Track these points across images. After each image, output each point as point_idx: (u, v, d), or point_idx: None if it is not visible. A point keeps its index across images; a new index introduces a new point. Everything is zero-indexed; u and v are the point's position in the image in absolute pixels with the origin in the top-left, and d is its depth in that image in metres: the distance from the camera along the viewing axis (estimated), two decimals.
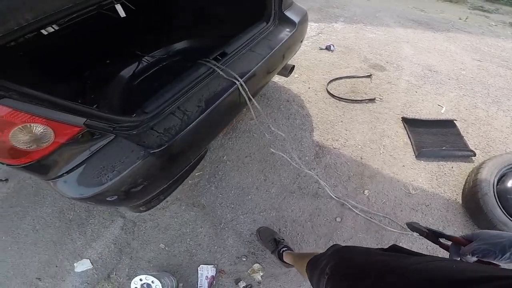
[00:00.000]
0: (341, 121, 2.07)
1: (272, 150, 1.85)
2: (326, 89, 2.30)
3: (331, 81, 2.37)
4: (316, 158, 1.89)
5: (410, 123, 2.06)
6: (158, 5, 2.18)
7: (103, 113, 1.03)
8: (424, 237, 0.68)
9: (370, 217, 1.61)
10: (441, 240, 0.65)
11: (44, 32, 1.41)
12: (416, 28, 3.43)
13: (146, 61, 2.05)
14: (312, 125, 2.05)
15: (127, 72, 1.97)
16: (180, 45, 2.18)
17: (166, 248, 1.49)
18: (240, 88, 1.31)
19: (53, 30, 1.44)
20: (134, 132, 1.09)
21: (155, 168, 1.09)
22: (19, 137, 0.78)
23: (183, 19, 2.29)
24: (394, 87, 2.39)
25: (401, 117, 2.10)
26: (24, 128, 0.77)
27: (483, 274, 0.42)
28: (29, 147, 0.82)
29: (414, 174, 1.82)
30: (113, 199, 1.02)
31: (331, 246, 0.99)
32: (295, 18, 1.77)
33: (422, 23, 3.58)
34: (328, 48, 2.85)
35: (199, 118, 1.19)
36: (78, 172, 0.95)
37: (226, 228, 1.56)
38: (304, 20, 1.82)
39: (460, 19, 3.82)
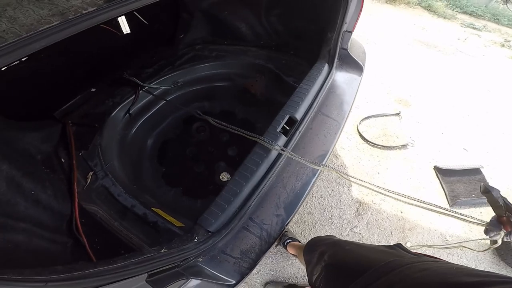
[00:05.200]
0: (378, 173, 1.99)
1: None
2: (358, 131, 2.18)
3: (362, 120, 2.26)
4: (358, 215, 1.81)
5: (442, 173, 2.05)
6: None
7: (166, 249, 0.84)
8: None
9: None
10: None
11: None
12: (426, 51, 3.40)
13: (148, 93, 1.59)
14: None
15: (123, 110, 1.50)
16: (195, 71, 1.77)
17: None
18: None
19: None
20: (201, 260, 0.90)
21: None
22: None
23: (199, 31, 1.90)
24: (422, 128, 2.35)
25: (434, 166, 2.08)
26: None
27: (484, 279, 0.44)
28: None
29: (448, 222, 1.87)
30: None
31: (329, 235, 1.03)
32: (358, 58, 1.48)
33: (430, 45, 3.55)
34: None
35: (282, 230, 1.00)
36: None
37: None
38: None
39: (459, 39, 3.84)
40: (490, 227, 0.64)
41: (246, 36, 1.89)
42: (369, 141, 2.12)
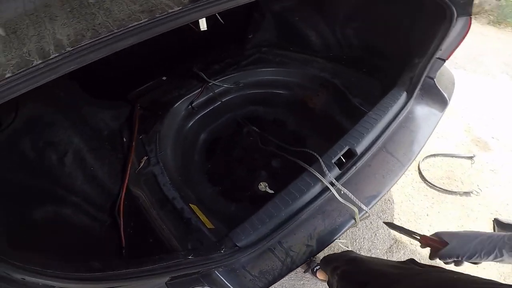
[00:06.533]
0: (427, 215, 1.75)
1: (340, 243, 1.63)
2: (418, 168, 1.95)
3: (426, 157, 2.01)
4: (389, 252, 1.64)
5: (501, 226, 1.70)
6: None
7: (193, 256, 0.85)
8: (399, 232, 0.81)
9: None
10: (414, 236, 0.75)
11: None
12: None
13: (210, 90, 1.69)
14: (393, 214, 1.76)
15: (185, 103, 1.62)
16: (257, 74, 1.78)
17: None
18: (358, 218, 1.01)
19: None
20: (221, 270, 0.89)
21: None
22: None
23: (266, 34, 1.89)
24: (496, 178, 1.97)
25: (494, 219, 1.75)
26: None
27: (481, 286, 0.48)
28: None
29: (486, 274, 1.57)
30: None
31: (347, 251, 1.09)
32: (445, 91, 1.25)
33: None
34: None
35: (306, 260, 0.95)
36: None
37: None
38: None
39: None
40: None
41: (314, 45, 1.80)
42: (428, 182, 1.87)
